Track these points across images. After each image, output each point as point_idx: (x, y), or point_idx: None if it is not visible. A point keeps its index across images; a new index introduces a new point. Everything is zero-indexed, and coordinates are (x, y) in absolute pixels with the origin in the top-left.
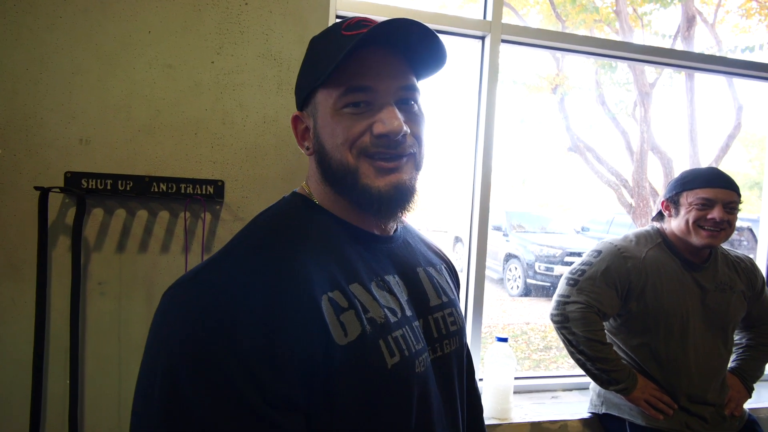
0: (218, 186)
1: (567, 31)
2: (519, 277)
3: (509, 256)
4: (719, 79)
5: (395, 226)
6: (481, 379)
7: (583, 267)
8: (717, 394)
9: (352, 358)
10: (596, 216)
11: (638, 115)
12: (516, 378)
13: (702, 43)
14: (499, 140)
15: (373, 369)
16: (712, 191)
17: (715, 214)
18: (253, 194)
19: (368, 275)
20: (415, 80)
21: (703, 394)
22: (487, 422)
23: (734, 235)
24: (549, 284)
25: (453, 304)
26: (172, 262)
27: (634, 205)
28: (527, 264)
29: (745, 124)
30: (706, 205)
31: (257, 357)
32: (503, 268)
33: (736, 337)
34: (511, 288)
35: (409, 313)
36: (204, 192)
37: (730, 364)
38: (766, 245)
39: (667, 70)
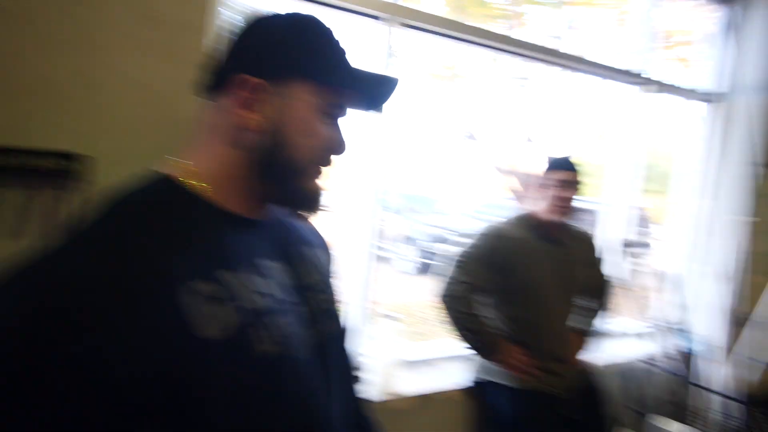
0: (76, 160)
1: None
2: (411, 256)
3: (402, 237)
4: (587, 80)
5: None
6: (368, 356)
7: (468, 249)
8: (567, 352)
9: (223, 352)
10: (485, 200)
11: (523, 106)
12: (403, 353)
13: (577, 47)
14: (396, 122)
15: (248, 360)
16: (565, 173)
17: (565, 193)
18: (125, 170)
19: (240, 260)
20: None
21: (557, 352)
22: (375, 398)
23: (584, 215)
24: (439, 263)
25: (329, 281)
26: (24, 246)
27: (516, 190)
28: (419, 244)
29: (605, 118)
30: (560, 185)
31: (100, 360)
32: (395, 248)
33: (579, 302)
34: (403, 267)
35: (286, 296)
36: (57, 167)
37: (574, 325)
38: (607, 223)
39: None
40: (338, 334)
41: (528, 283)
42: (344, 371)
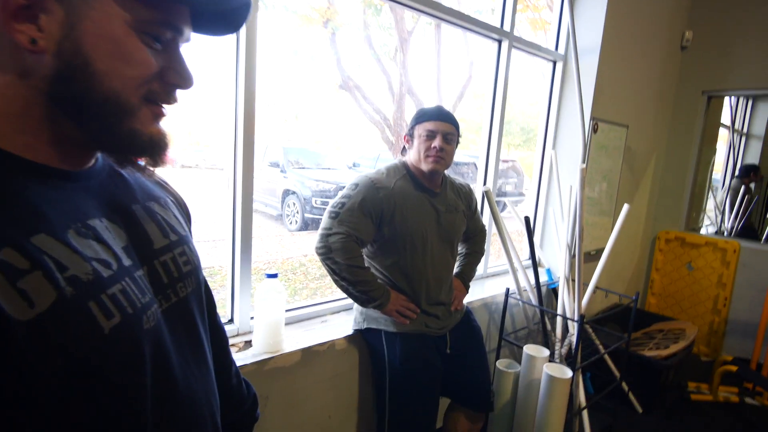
0: None
1: None
2: (297, 212)
3: (287, 193)
4: (458, 36)
5: (96, 158)
6: (252, 317)
7: (343, 200)
8: (446, 295)
9: (46, 333)
10: (365, 152)
11: (398, 59)
12: (288, 310)
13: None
14: (270, 71)
15: (82, 339)
16: (434, 124)
17: (436, 142)
18: None
19: (62, 222)
20: None
21: (437, 296)
22: (259, 357)
23: (464, 169)
24: (320, 217)
25: (184, 241)
26: None
27: (394, 142)
28: (305, 199)
29: (475, 77)
30: (430, 135)
31: None
32: (282, 205)
33: (458, 248)
34: (290, 223)
35: (127, 262)
36: None
37: (453, 269)
38: (482, 175)
39: (423, 21)
40: (199, 297)
41: (407, 232)
42: (211, 336)
